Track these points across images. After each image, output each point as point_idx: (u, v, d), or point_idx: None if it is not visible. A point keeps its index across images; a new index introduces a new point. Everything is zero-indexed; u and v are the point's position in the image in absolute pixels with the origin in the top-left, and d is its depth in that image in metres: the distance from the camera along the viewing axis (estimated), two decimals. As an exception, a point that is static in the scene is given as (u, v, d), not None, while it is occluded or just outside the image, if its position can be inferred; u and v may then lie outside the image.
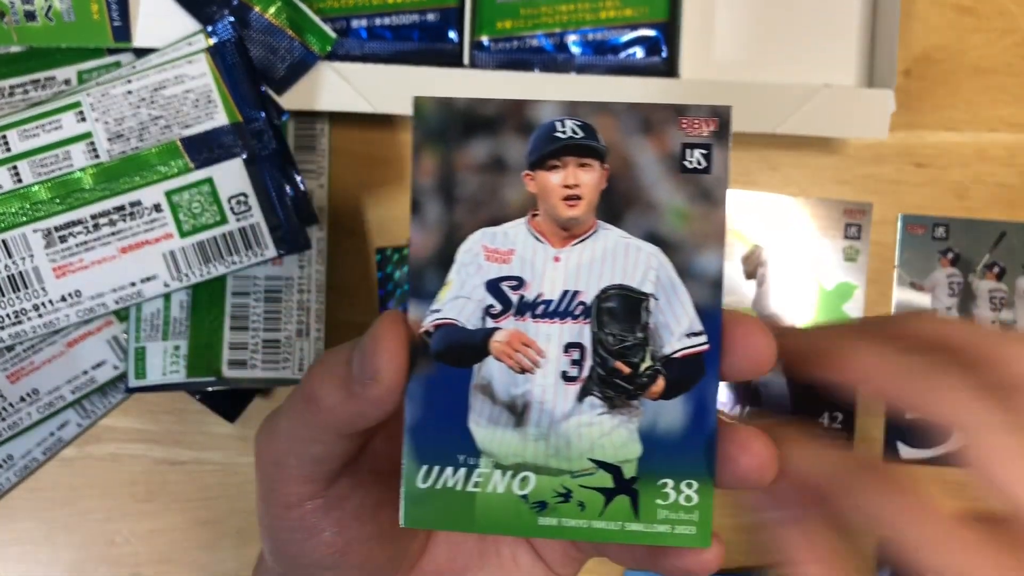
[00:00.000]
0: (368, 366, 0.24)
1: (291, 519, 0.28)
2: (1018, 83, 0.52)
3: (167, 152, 0.43)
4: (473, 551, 0.31)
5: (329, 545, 0.28)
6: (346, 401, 0.25)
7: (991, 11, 0.52)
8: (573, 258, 0.25)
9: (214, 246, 0.43)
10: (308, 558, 0.28)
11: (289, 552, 0.28)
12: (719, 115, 0.24)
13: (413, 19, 0.47)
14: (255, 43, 0.44)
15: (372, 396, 0.24)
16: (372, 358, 0.24)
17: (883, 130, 0.46)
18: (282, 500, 0.27)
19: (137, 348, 0.45)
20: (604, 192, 0.25)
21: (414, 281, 0.25)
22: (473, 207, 0.25)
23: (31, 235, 0.42)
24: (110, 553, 0.50)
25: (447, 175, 0.25)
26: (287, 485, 0.27)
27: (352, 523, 0.28)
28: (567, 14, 0.47)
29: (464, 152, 0.25)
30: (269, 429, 0.28)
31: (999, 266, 0.51)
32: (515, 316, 0.25)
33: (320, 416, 0.25)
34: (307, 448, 0.26)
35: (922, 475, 0.55)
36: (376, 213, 0.51)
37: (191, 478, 0.50)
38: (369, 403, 0.24)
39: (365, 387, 0.24)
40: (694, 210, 0.25)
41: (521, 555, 0.31)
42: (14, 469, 0.48)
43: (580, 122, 0.25)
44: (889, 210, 0.51)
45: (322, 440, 0.26)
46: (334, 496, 0.28)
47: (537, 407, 0.25)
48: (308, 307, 0.46)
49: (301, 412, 0.26)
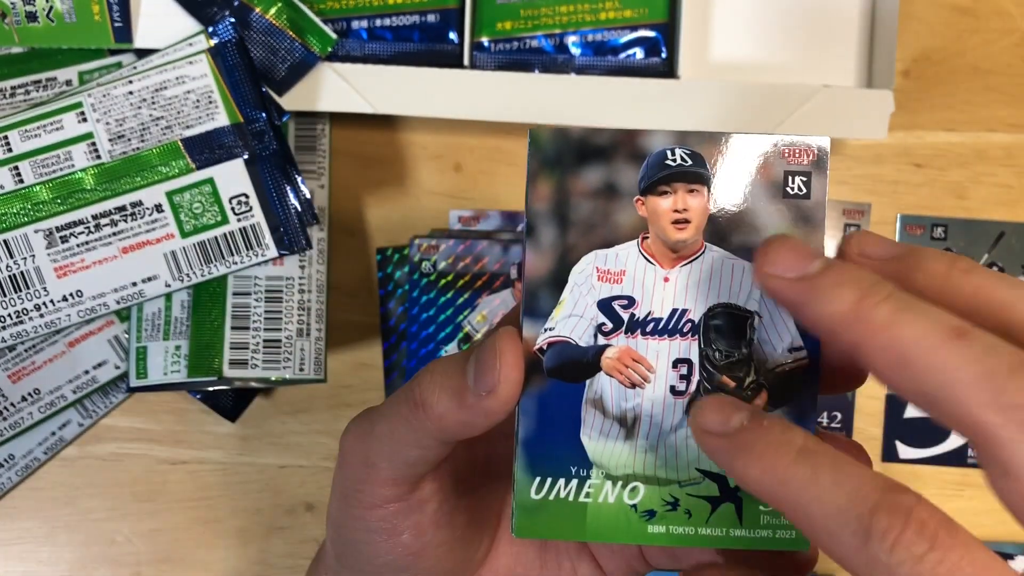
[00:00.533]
0: (487, 379, 0.25)
1: (372, 519, 0.28)
2: (1017, 83, 0.52)
3: (168, 152, 0.43)
4: (534, 561, 0.32)
5: (406, 547, 0.29)
6: (458, 410, 0.26)
7: (990, 12, 0.52)
8: (682, 278, 0.26)
9: (215, 246, 0.43)
10: (382, 559, 0.29)
11: (364, 552, 0.29)
12: (819, 147, 0.26)
13: (413, 20, 0.47)
14: (256, 44, 0.44)
15: (487, 408, 0.25)
16: (491, 372, 0.25)
17: (882, 130, 0.46)
18: (367, 500, 0.28)
19: (138, 348, 0.45)
20: (711, 216, 0.26)
21: (528, 300, 0.26)
22: (586, 230, 0.26)
23: (32, 235, 0.42)
24: (111, 552, 0.50)
25: (562, 200, 0.26)
26: (374, 487, 0.28)
27: (429, 527, 0.29)
28: (567, 15, 0.47)
29: (578, 178, 0.26)
30: (363, 430, 0.28)
31: (998, 266, 0.52)
32: (626, 334, 0.26)
33: (428, 423, 0.26)
34: (403, 451, 0.27)
35: (922, 474, 0.55)
36: (376, 213, 0.51)
37: (192, 478, 0.50)
38: (483, 414, 0.25)
39: (480, 399, 0.25)
40: (795, 232, 0.26)
41: (581, 566, 0.32)
42: (15, 468, 0.48)
43: (689, 151, 0.26)
44: (888, 210, 0.52)
45: (421, 445, 0.27)
46: (416, 500, 0.28)
47: (647, 420, 0.27)
48: (309, 307, 0.46)
49: (406, 416, 0.27)
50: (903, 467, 0.52)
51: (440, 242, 0.48)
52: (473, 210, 0.51)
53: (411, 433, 0.27)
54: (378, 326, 0.50)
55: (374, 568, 0.30)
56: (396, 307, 0.50)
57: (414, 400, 0.26)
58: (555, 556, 0.32)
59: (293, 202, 0.44)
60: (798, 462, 0.22)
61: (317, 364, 0.46)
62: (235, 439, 0.50)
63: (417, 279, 0.48)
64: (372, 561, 0.29)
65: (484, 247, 0.48)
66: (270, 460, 0.50)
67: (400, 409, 0.27)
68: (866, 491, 0.20)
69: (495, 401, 0.25)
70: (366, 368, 0.51)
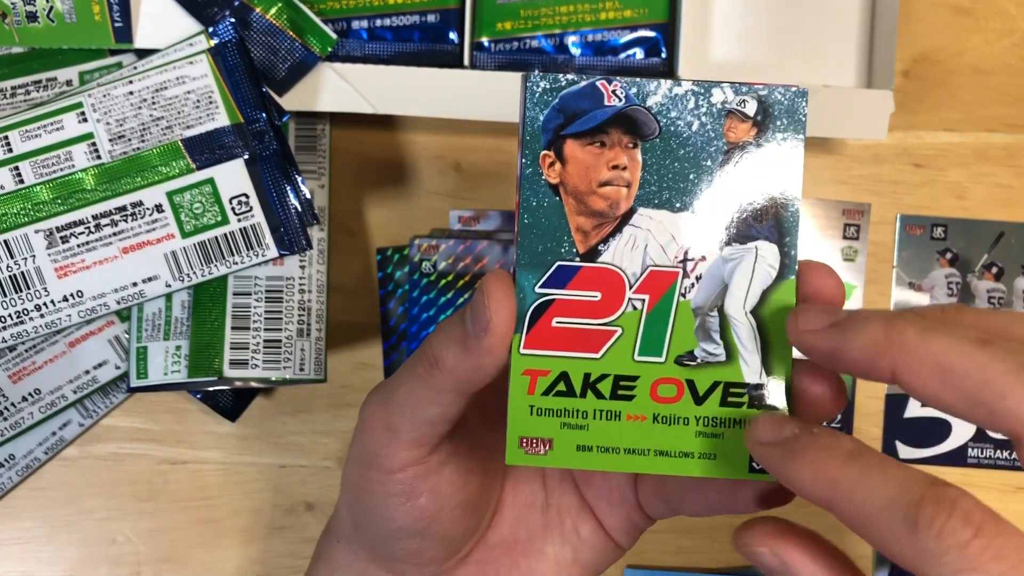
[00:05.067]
0: (480, 319, 0.27)
1: (392, 483, 0.30)
2: (1016, 84, 0.52)
3: (169, 153, 0.43)
4: (537, 522, 0.33)
5: (423, 511, 0.30)
6: (465, 357, 0.27)
7: (989, 12, 0.52)
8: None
9: (215, 246, 0.43)
10: (399, 523, 0.30)
11: (382, 516, 0.31)
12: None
13: (413, 20, 0.47)
14: (256, 44, 0.44)
15: (487, 346, 0.27)
16: (483, 311, 0.27)
17: (882, 130, 0.46)
18: (387, 464, 0.30)
19: (139, 348, 0.45)
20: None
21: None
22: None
23: (33, 235, 0.42)
24: (111, 552, 0.50)
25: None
26: (396, 450, 0.29)
27: (445, 489, 0.30)
28: (567, 15, 0.47)
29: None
30: (382, 397, 0.30)
31: (997, 266, 0.52)
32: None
33: (442, 377, 0.28)
34: (424, 410, 0.29)
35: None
36: (376, 213, 0.51)
37: (192, 477, 0.50)
38: (486, 353, 0.27)
39: (479, 339, 0.27)
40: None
41: (583, 525, 0.33)
42: (16, 468, 0.48)
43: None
44: (888, 210, 0.52)
45: (440, 402, 0.28)
46: (434, 462, 0.30)
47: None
48: (309, 307, 0.46)
49: (422, 376, 0.28)
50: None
51: (440, 242, 0.48)
52: (473, 210, 0.51)
53: (430, 392, 0.28)
54: (378, 326, 0.50)
55: (390, 533, 0.31)
56: (396, 307, 0.50)
57: (428, 359, 0.28)
58: (557, 515, 0.33)
59: (293, 202, 0.44)
60: (848, 463, 0.23)
61: (317, 364, 0.46)
62: (235, 439, 0.50)
63: (417, 279, 0.49)
64: (389, 525, 0.31)
65: (484, 247, 0.48)
66: (270, 460, 0.51)
67: (416, 370, 0.28)
68: (911, 485, 0.22)
69: (492, 337, 0.26)
70: (366, 368, 0.51)
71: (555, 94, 0.27)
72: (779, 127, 0.27)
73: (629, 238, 0.27)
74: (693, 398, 0.27)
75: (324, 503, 0.51)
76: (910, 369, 0.23)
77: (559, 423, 0.27)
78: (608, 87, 0.27)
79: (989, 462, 0.51)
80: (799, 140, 0.27)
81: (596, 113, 0.27)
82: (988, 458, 0.51)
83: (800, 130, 0.27)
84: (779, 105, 0.27)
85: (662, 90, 0.27)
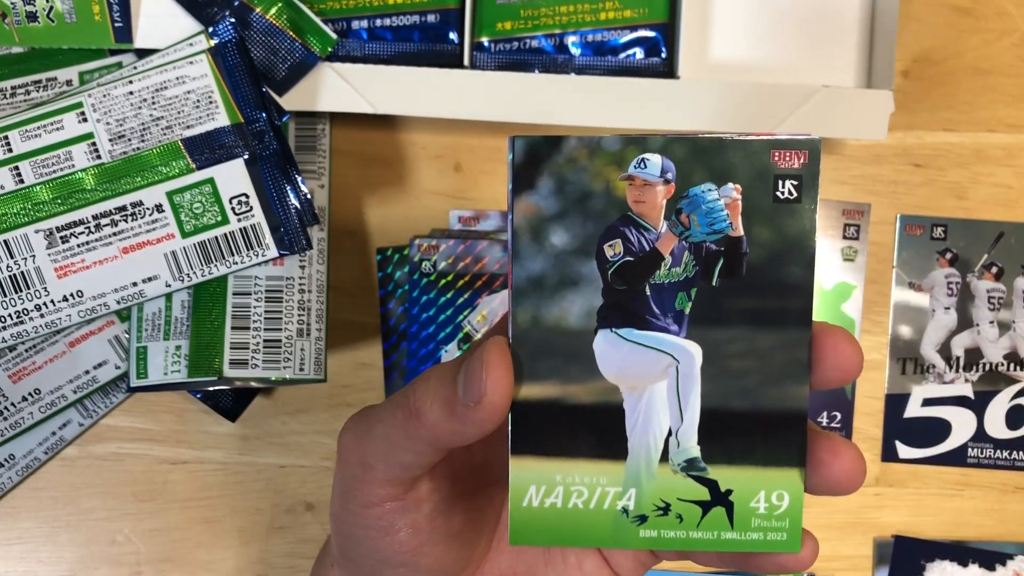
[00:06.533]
0: (474, 389, 0.25)
1: (369, 517, 0.29)
2: (1016, 84, 0.52)
3: (168, 153, 0.43)
4: (538, 556, 0.32)
5: (403, 544, 0.29)
6: (449, 420, 0.26)
7: (989, 12, 0.52)
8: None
9: (215, 246, 0.43)
10: (380, 554, 0.30)
11: (362, 548, 0.30)
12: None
13: (413, 20, 0.47)
14: (256, 44, 0.44)
15: (475, 418, 0.25)
16: (478, 382, 0.25)
17: (882, 131, 0.46)
18: (363, 499, 0.29)
19: (139, 348, 0.45)
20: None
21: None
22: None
23: (33, 235, 0.42)
24: (111, 552, 0.50)
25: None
26: (371, 486, 0.28)
27: (426, 525, 0.29)
28: (567, 15, 0.47)
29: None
30: (360, 431, 0.29)
31: (997, 266, 0.52)
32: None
33: (420, 430, 0.27)
34: (398, 455, 0.28)
35: (922, 474, 0.55)
36: (376, 213, 0.51)
37: (192, 477, 0.50)
38: (472, 423, 0.26)
39: (469, 409, 0.25)
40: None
41: (586, 560, 0.32)
42: (16, 468, 0.48)
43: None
44: (887, 210, 0.52)
45: (416, 451, 0.27)
46: (412, 499, 0.29)
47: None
48: (309, 307, 0.46)
49: (400, 423, 0.27)
50: (903, 467, 0.52)
51: (440, 242, 0.48)
52: (473, 210, 0.51)
53: (406, 439, 0.27)
54: (378, 326, 0.50)
55: (372, 563, 0.30)
56: (396, 307, 0.50)
57: (408, 408, 0.27)
58: (560, 551, 0.32)
59: (293, 202, 0.44)
60: None
61: (317, 364, 0.46)
62: (235, 439, 0.50)
63: (417, 279, 0.49)
64: (371, 556, 0.30)
65: (484, 247, 0.48)
66: (270, 460, 0.51)
67: (396, 414, 0.27)
68: None
69: (483, 411, 0.25)
70: (366, 368, 0.51)
71: None
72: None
73: None
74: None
75: (324, 503, 0.51)
76: None
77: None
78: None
79: (989, 462, 0.51)
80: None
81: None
82: (988, 458, 0.51)
83: None
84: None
85: None
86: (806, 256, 0.26)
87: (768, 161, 0.26)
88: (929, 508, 0.51)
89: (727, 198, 0.26)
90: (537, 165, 0.26)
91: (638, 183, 0.26)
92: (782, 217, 0.26)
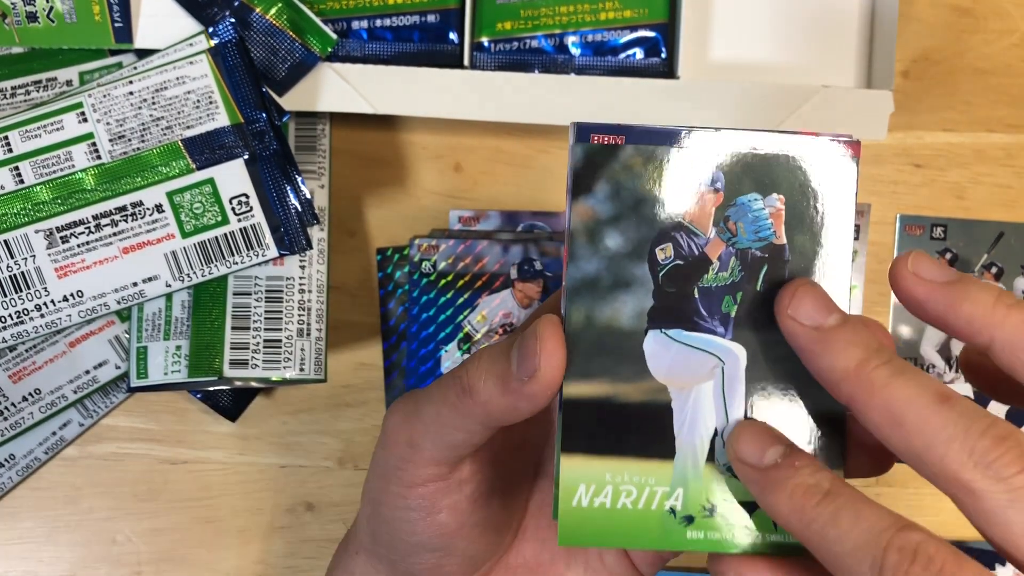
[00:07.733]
0: (528, 363, 0.26)
1: (412, 497, 0.29)
2: (1016, 84, 0.52)
3: (169, 153, 0.43)
4: (560, 548, 0.33)
5: (442, 527, 0.30)
6: (502, 395, 0.26)
7: (989, 12, 0.52)
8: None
9: (215, 246, 0.43)
10: (418, 537, 0.30)
11: (400, 531, 0.30)
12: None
13: (413, 20, 0.47)
14: (256, 44, 0.44)
15: (529, 392, 0.26)
16: (532, 356, 0.26)
17: (881, 131, 0.46)
18: (408, 479, 0.29)
19: (139, 348, 0.45)
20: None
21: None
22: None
23: (33, 235, 0.42)
24: (112, 552, 0.50)
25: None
26: (416, 466, 0.29)
27: (466, 507, 0.30)
28: (567, 15, 0.47)
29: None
30: (409, 411, 0.29)
31: (997, 266, 0.52)
32: None
33: (474, 407, 0.27)
34: (448, 434, 0.28)
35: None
36: (376, 213, 0.51)
37: (192, 477, 0.50)
38: (526, 398, 0.26)
39: (523, 384, 0.26)
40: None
41: (608, 554, 0.33)
42: (16, 468, 0.48)
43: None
44: (887, 210, 0.52)
45: (466, 429, 0.28)
46: (456, 480, 0.29)
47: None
48: (309, 307, 0.46)
49: (453, 401, 0.28)
50: (903, 467, 0.52)
51: (440, 242, 0.48)
52: (473, 210, 0.51)
53: (457, 418, 0.28)
54: (378, 326, 0.50)
55: (408, 547, 0.30)
56: (396, 307, 0.50)
57: (462, 386, 0.27)
58: None
59: (293, 202, 0.44)
60: (823, 503, 0.24)
61: (317, 364, 0.46)
62: (235, 439, 0.50)
63: (417, 279, 0.49)
64: (407, 539, 0.30)
65: (484, 247, 0.48)
66: (270, 460, 0.51)
67: (448, 394, 0.28)
68: (879, 530, 0.23)
69: (537, 385, 0.26)
70: (366, 368, 0.51)
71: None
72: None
73: None
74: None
75: (324, 503, 0.51)
76: (868, 409, 0.24)
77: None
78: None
79: (989, 462, 0.51)
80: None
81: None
82: (988, 458, 0.51)
83: None
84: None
85: None
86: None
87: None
88: (929, 508, 0.51)
89: (771, 208, 0.27)
90: (595, 171, 0.27)
91: None
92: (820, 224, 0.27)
